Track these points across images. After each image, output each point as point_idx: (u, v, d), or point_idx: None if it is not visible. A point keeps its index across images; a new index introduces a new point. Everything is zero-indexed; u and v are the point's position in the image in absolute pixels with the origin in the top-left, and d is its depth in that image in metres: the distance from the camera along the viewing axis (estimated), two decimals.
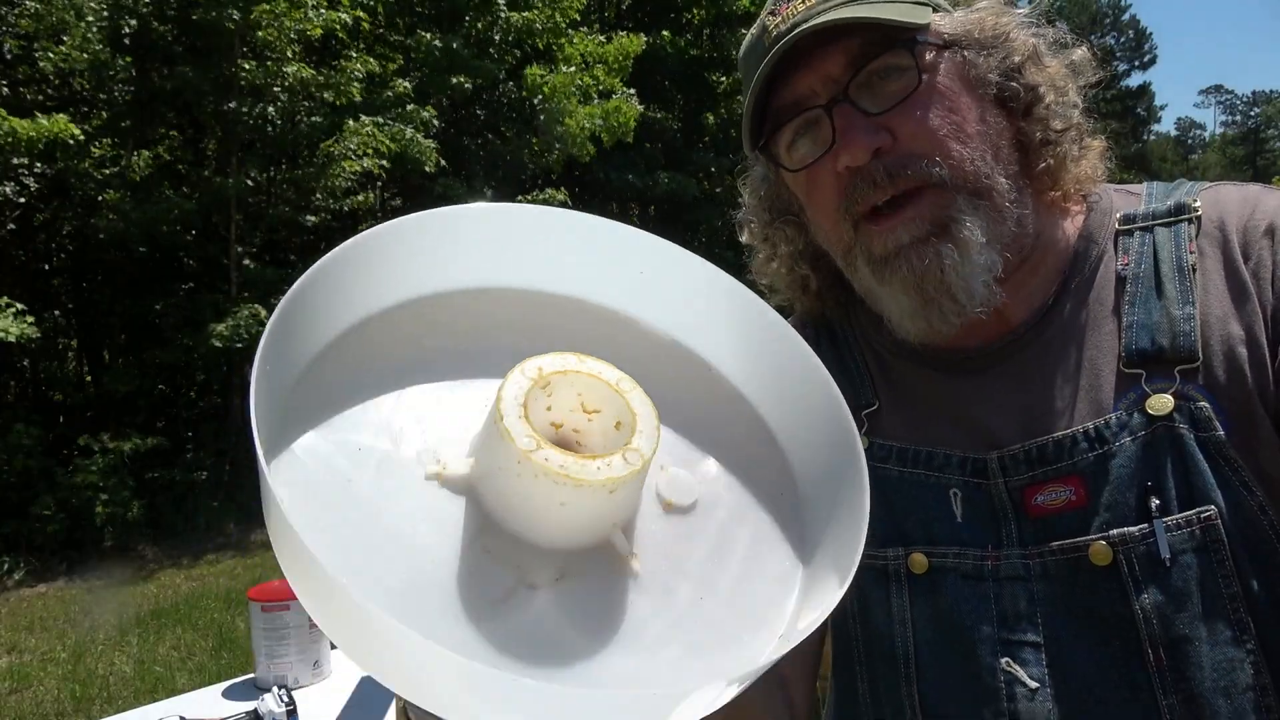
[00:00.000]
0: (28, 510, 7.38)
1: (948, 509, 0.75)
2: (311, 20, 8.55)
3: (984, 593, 0.72)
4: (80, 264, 9.72)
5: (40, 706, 4.33)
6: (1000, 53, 0.72)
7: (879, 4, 0.70)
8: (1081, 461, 0.70)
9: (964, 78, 0.72)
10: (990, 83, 0.72)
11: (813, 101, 0.73)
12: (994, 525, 0.73)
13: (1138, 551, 0.67)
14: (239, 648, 4.78)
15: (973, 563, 0.73)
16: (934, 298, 0.71)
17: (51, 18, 8.60)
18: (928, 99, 0.70)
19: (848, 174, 0.72)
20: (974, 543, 0.73)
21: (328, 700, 1.59)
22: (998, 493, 0.73)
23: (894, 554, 0.76)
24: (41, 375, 9.87)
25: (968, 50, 0.72)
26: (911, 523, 0.76)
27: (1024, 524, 0.72)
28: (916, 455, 0.77)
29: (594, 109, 10.79)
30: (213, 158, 10.14)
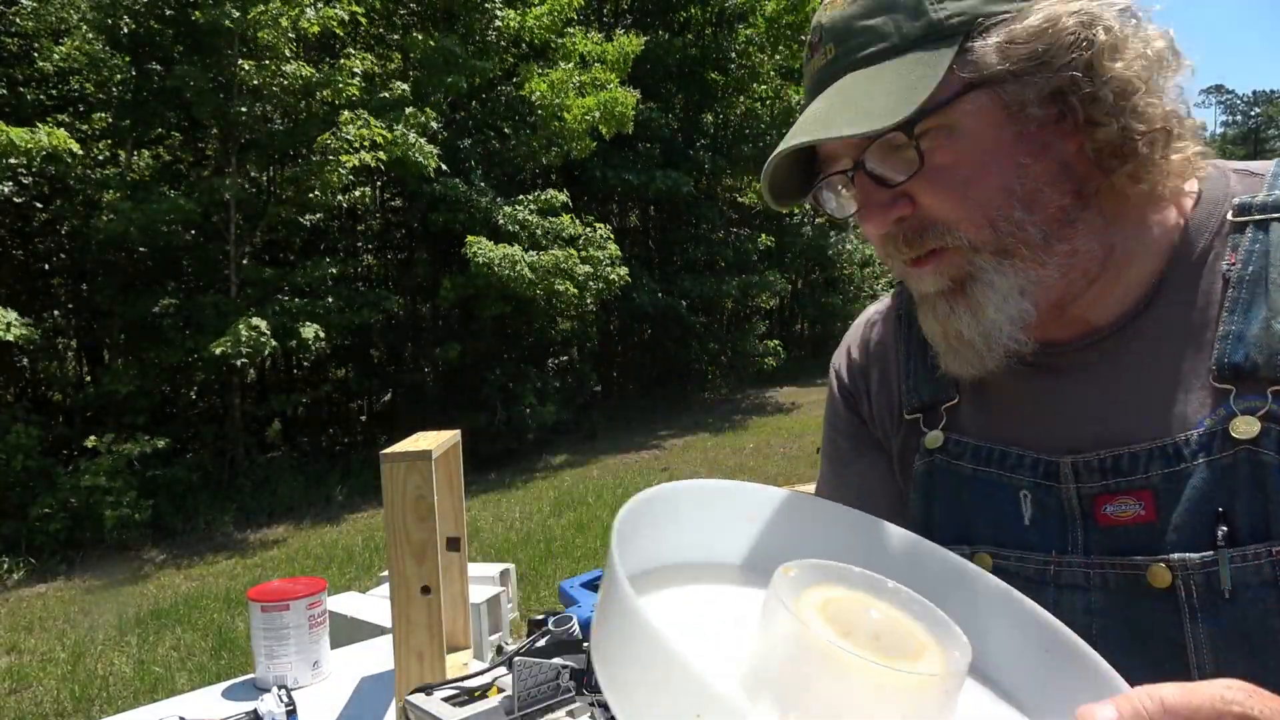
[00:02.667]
0: (27, 510, 7.38)
1: (1017, 510, 0.73)
2: (309, 18, 8.55)
3: (1045, 599, 0.68)
4: (80, 264, 9.73)
5: (40, 707, 4.33)
6: (1048, 71, 0.64)
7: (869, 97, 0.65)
8: (1155, 477, 0.67)
9: (996, 118, 0.65)
10: (1032, 115, 0.65)
11: (838, 165, 0.71)
12: (1061, 530, 0.71)
13: (1196, 579, 0.64)
14: (239, 648, 4.78)
15: (1035, 567, 0.72)
16: (955, 346, 0.71)
17: (50, 17, 8.61)
18: (945, 162, 0.66)
19: (876, 235, 0.72)
20: (1039, 547, 0.72)
21: (328, 700, 1.60)
22: (1068, 498, 0.71)
23: (959, 552, 0.73)
24: (41, 375, 9.88)
25: (1004, 84, 0.65)
26: (981, 523, 0.75)
27: (1091, 532, 0.70)
28: (990, 454, 0.75)
29: (591, 100, 10.79)
30: (212, 157, 10.14)
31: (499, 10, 10.83)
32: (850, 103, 0.66)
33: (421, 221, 11.09)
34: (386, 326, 11.48)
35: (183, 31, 8.81)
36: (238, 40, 8.47)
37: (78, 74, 8.83)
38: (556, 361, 13.87)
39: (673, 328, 14.11)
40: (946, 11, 0.64)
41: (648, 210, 15.61)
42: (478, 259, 9.52)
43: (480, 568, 2.90)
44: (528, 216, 10.37)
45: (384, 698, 1.60)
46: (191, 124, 9.96)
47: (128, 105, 8.97)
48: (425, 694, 1.40)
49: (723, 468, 8.83)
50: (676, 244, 14.97)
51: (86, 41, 8.59)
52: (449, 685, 1.43)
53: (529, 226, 10.34)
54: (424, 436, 1.60)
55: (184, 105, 8.92)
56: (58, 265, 10.30)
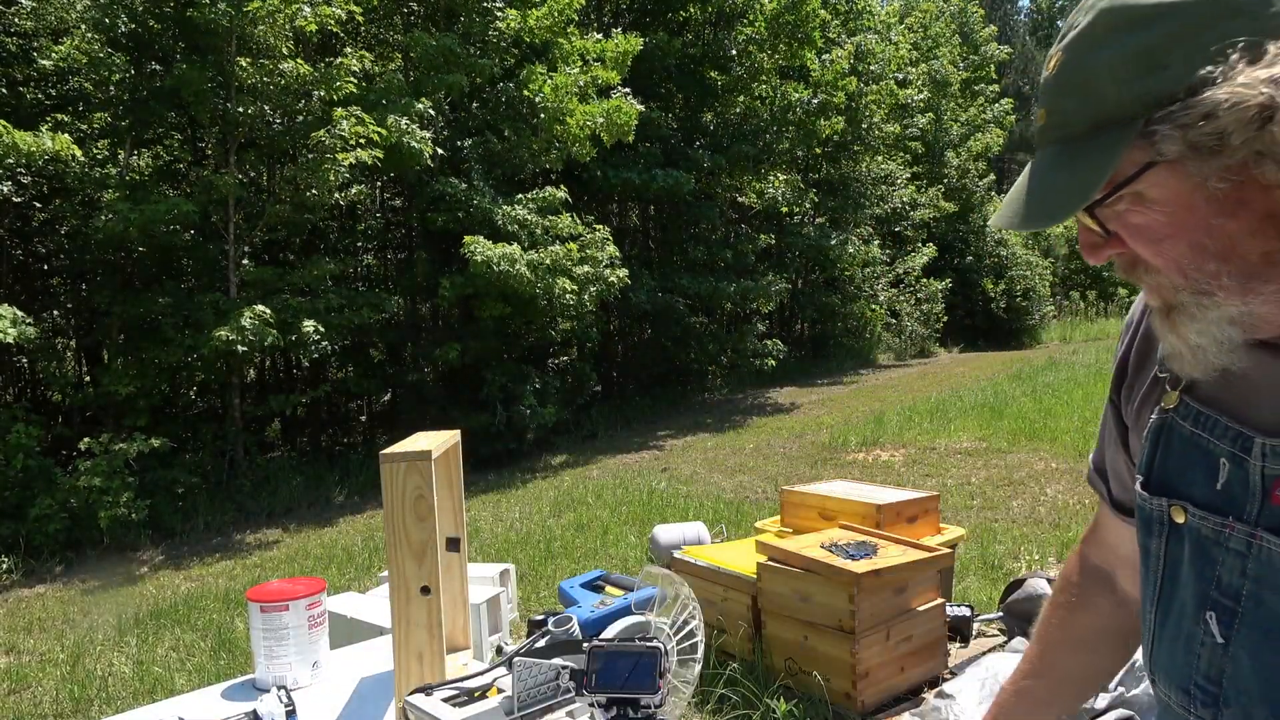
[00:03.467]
0: (26, 511, 7.38)
1: (1214, 474, 0.81)
2: (305, 16, 8.54)
3: (1214, 556, 0.79)
4: (79, 264, 9.73)
5: (39, 707, 4.33)
6: (1228, 149, 0.67)
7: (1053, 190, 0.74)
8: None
9: (1182, 186, 0.70)
10: (1215, 186, 0.69)
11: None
12: (1244, 500, 0.78)
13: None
14: (238, 648, 4.78)
15: (1213, 527, 0.80)
16: (1168, 348, 0.80)
17: (50, 16, 8.60)
18: (1136, 229, 0.74)
19: None
20: (1222, 510, 0.79)
21: (327, 700, 1.59)
22: (1254, 473, 0.77)
23: (1158, 503, 0.85)
24: (40, 375, 9.87)
25: (1186, 161, 0.69)
26: (1184, 479, 0.84)
27: (1264, 509, 0.76)
28: (1206, 420, 0.82)
29: (594, 108, 10.79)
30: (211, 157, 10.14)
31: (499, 10, 10.83)
32: (1042, 189, 0.75)
33: (421, 221, 11.09)
34: (386, 326, 11.48)
35: (181, 31, 8.80)
36: (235, 39, 8.46)
37: (77, 73, 8.83)
38: (556, 361, 13.87)
39: (672, 328, 14.11)
40: (1129, 95, 0.69)
41: (648, 210, 15.61)
42: (476, 258, 9.52)
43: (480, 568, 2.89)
44: (526, 215, 10.36)
45: (384, 698, 1.59)
46: (190, 123, 9.96)
47: (127, 105, 8.97)
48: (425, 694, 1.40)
49: (723, 468, 8.83)
50: (676, 244, 14.97)
51: (86, 41, 8.59)
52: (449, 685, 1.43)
53: (528, 225, 10.34)
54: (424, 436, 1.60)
55: (183, 105, 8.91)
56: (57, 265, 10.30)
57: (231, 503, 8.74)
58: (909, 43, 21.06)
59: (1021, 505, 6.30)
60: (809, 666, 3.34)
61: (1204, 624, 0.80)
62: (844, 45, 16.38)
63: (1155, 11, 0.67)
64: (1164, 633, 0.86)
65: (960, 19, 26.25)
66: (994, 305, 22.79)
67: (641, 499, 7.51)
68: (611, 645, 1.30)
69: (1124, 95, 0.69)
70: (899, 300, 20.48)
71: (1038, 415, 9.63)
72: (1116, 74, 0.69)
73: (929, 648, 3.43)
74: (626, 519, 6.86)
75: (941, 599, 3.49)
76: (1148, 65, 0.68)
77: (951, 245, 23.04)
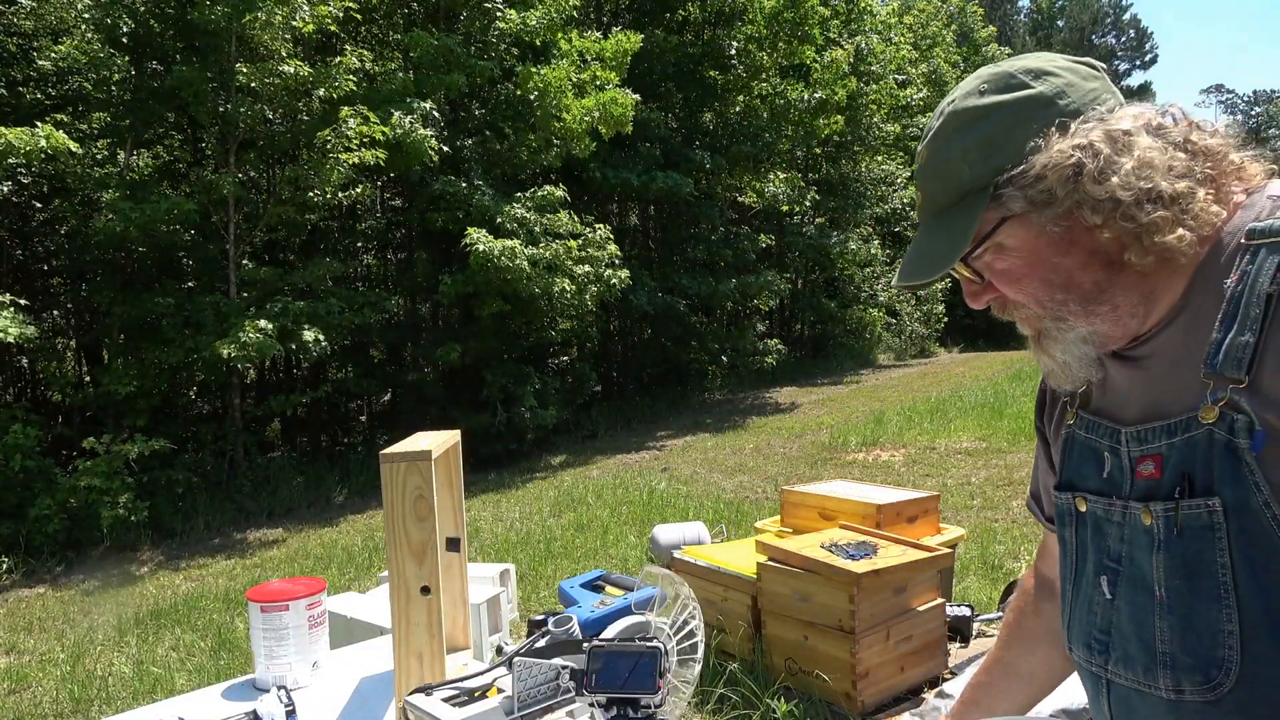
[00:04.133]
0: (26, 511, 7.38)
1: (1100, 466, 0.99)
2: (302, 17, 8.54)
3: (1105, 531, 0.98)
4: (79, 264, 9.73)
5: (39, 707, 4.33)
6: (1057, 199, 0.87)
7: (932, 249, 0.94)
8: (1162, 446, 0.91)
9: (1029, 234, 0.90)
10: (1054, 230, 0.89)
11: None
12: (1120, 482, 0.96)
13: (1161, 521, 0.90)
14: (238, 648, 4.78)
15: (1104, 508, 0.98)
16: (1047, 370, 0.99)
17: (50, 17, 8.60)
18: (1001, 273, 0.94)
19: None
20: (1109, 493, 0.97)
21: (327, 700, 1.59)
22: (1124, 458, 0.96)
23: (1065, 498, 1.04)
24: (40, 375, 9.87)
25: (1028, 214, 0.89)
26: (1081, 475, 1.02)
27: (1133, 485, 0.95)
28: (1091, 424, 1.01)
29: (589, 101, 10.78)
30: (211, 157, 10.14)
31: (499, 9, 10.83)
32: (924, 252, 0.95)
33: (421, 221, 11.09)
34: (386, 326, 11.48)
35: (181, 31, 8.80)
36: (234, 40, 8.46)
37: (77, 73, 8.83)
38: (556, 361, 13.87)
39: (673, 327, 14.11)
40: (979, 171, 0.90)
41: (648, 210, 15.61)
42: (478, 248, 9.51)
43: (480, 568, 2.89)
44: (525, 214, 10.36)
45: (384, 698, 1.59)
46: (191, 123, 9.97)
47: (127, 105, 8.97)
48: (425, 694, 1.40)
49: (722, 468, 8.83)
50: (676, 244, 14.97)
51: (86, 41, 8.59)
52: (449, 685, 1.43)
53: (526, 224, 10.33)
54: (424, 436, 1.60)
55: (183, 105, 8.91)
56: (57, 265, 10.30)
57: (231, 503, 8.74)
58: (908, 42, 21.06)
59: (1021, 505, 6.30)
60: (809, 666, 3.34)
61: (1099, 587, 0.98)
62: (844, 45, 16.37)
63: (987, 111, 0.90)
64: (1076, 603, 1.03)
65: (959, 19, 26.24)
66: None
67: (641, 499, 7.50)
68: (611, 645, 1.30)
69: (975, 172, 0.90)
70: (899, 300, 20.47)
71: None
72: (968, 157, 0.90)
73: (929, 648, 3.43)
74: (626, 519, 6.86)
75: (941, 599, 3.49)
76: (989, 148, 0.89)
77: None
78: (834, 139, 16.82)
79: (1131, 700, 0.96)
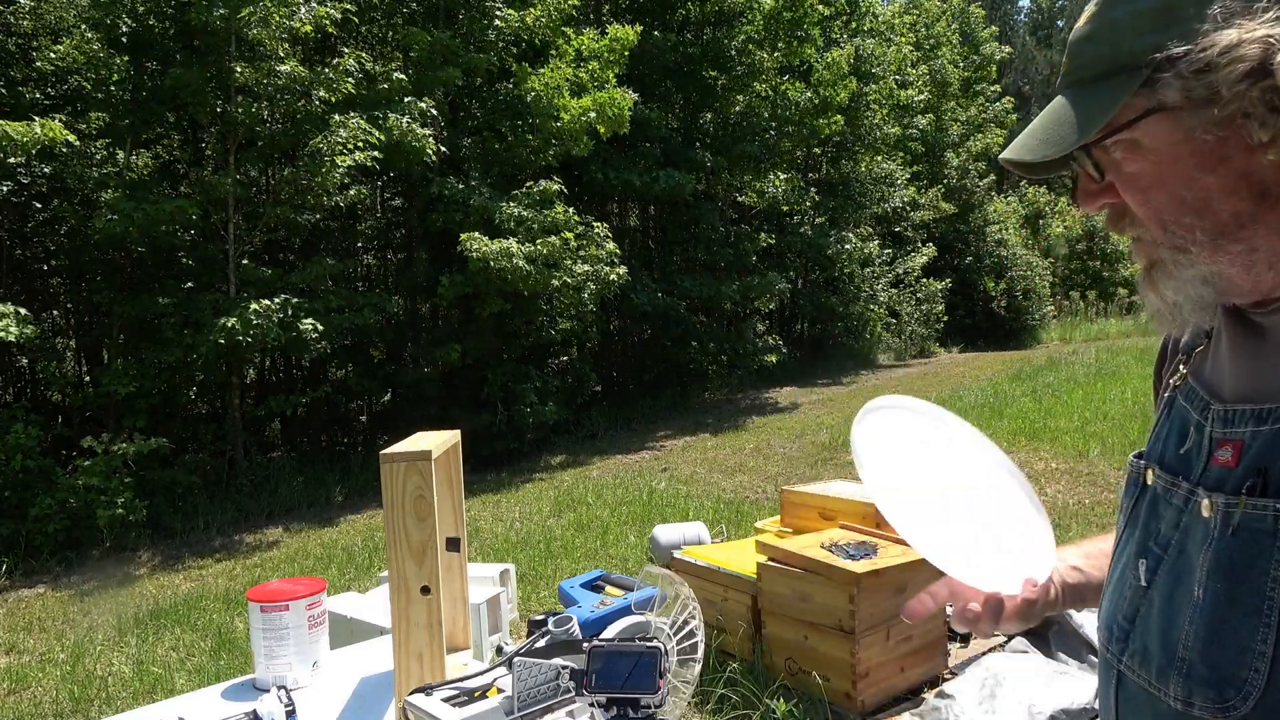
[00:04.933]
0: (26, 511, 7.38)
1: (1183, 440, 0.89)
2: (300, 18, 8.54)
3: (1160, 512, 0.88)
4: (79, 264, 9.72)
5: (39, 707, 4.33)
6: (1222, 100, 0.73)
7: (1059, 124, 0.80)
8: (1245, 433, 0.81)
9: (1175, 135, 0.76)
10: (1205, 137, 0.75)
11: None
12: (1195, 463, 0.86)
13: (1220, 514, 0.80)
14: (238, 648, 4.78)
15: (1165, 486, 0.88)
16: (1151, 309, 0.86)
17: (49, 16, 8.60)
18: (1129, 176, 0.80)
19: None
20: (1178, 471, 0.87)
21: (328, 700, 1.59)
22: (1205, 437, 0.85)
23: (1138, 464, 0.94)
24: (40, 375, 9.87)
25: (1182, 110, 0.75)
26: (1162, 445, 0.92)
27: (1206, 469, 0.84)
28: (1190, 391, 0.90)
29: (586, 100, 10.77)
30: (211, 157, 10.14)
31: (500, 9, 10.82)
32: (1046, 126, 0.81)
33: (421, 221, 11.08)
34: (386, 326, 11.47)
35: (180, 31, 8.80)
36: (233, 39, 8.46)
37: (76, 73, 8.82)
38: (556, 361, 13.86)
39: (672, 328, 14.10)
40: (1141, 46, 0.75)
41: (648, 210, 15.60)
42: (473, 254, 9.52)
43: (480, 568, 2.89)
44: (523, 212, 10.35)
45: (384, 698, 1.59)
46: (190, 123, 9.96)
47: (126, 104, 8.97)
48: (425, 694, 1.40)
49: (723, 468, 8.82)
50: (676, 244, 14.96)
51: (85, 41, 8.58)
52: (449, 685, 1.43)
53: (525, 221, 10.32)
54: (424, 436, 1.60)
55: (182, 105, 8.91)
56: (57, 265, 10.29)
57: (231, 503, 8.74)
58: (909, 43, 21.04)
59: None
60: (809, 666, 3.34)
61: (1135, 570, 0.89)
62: (844, 46, 16.37)
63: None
64: (1112, 579, 0.95)
65: (961, 19, 26.25)
66: (994, 305, 22.78)
67: (641, 499, 7.50)
68: (611, 645, 1.30)
69: (1136, 46, 0.75)
70: (899, 300, 20.47)
71: (1038, 415, 9.63)
72: (1136, 26, 0.76)
73: (929, 648, 3.43)
74: (626, 519, 6.86)
75: None
76: (1163, 20, 0.74)
77: (951, 245, 23.03)
78: (834, 139, 16.81)
79: (1139, 700, 0.88)
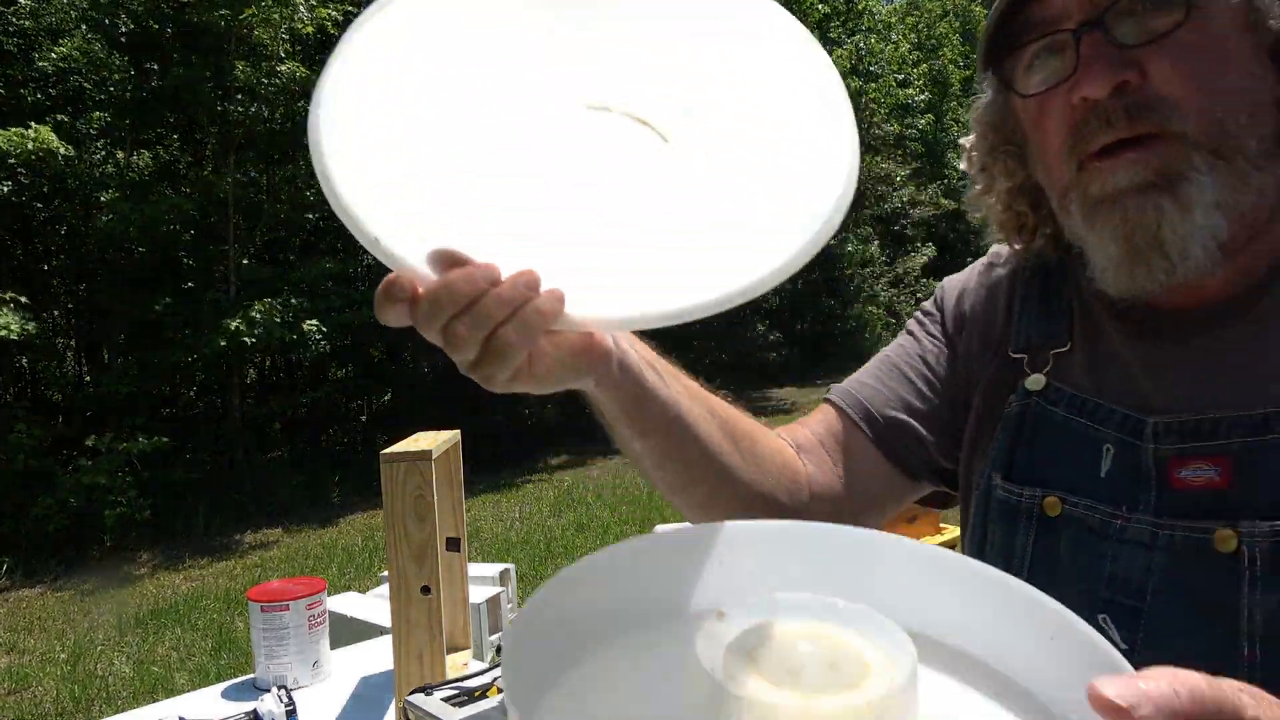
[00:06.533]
0: (27, 510, 7.37)
1: (1096, 462, 0.74)
2: (303, 19, 8.54)
3: (1102, 550, 0.71)
4: (79, 264, 9.72)
5: (39, 707, 4.33)
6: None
7: None
8: (1236, 444, 0.67)
9: (1241, 20, 0.65)
10: (1273, 30, 0.65)
11: (1063, 24, 0.68)
12: (1135, 488, 0.71)
13: (1263, 547, 0.64)
14: (238, 648, 4.78)
15: (1101, 518, 0.72)
16: (1143, 252, 0.67)
17: (49, 17, 8.60)
18: (1190, 40, 0.64)
19: (1083, 106, 0.67)
20: (1110, 500, 0.72)
21: (328, 700, 1.59)
22: (1146, 458, 0.71)
23: (1030, 494, 0.76)
24: (40, 375, 9.87)
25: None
26: (1058, 468, 0.76)
27: (1164, 494, 0.70)
28: (1084, 404, 0.76)
29: None
30: (211, 157, 10.14)
31: None
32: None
33: None
34: (386, 326, 11.46)
35: (180, 31, 8.80)
36: (234, 40, 8.46)
37: (76, 73, 8.82)
38: None
39: (672, 328, 14.08)
40: None
41: None
42: None
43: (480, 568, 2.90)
44: None
45: (384, 698, 1.59)
46: (190, 123, 9.96)
47: (126, 105, 8.97)
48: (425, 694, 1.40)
49: None
50: None
51: (85, 41, 8.58)
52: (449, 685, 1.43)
53: None
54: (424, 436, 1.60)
55: (182, 105, 8.91)
56: (57, 265, 10.29)
57: (231, 503, 8.73)
58: (909, 43, 21.05)
59: None
60: None
61: (1098, 627, 0.72)
62: (844, 45, 16.38)
63: None
64: None
65: (963, 18, 26.27)
66: None
67: (641, 499, 7.50)
68: None
69: None
70: (899, 300, 20.46)
71: None
72: None
73: None
74: (626, 519, 6.86)
75: None
76: None
77: (951, 245, 23.03)
78: None
79: None
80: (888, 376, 0.91)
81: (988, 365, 0.85)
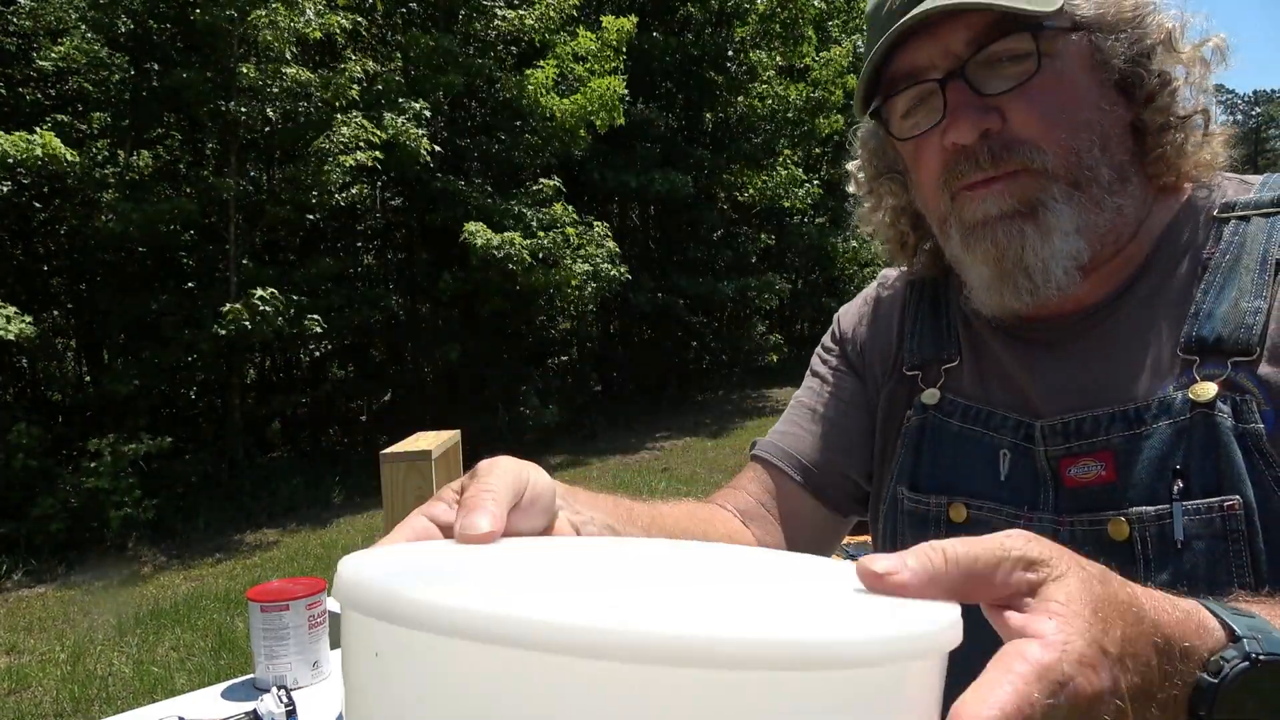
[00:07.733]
0: (27, 511, 7.37)
1: (995, 467, 0.78)
2: (310, 24, 8.54)
3: None
4: (79, 264, 9.72)
5: (39, 707, 4.33)
6: (1131, 36, 0.72)
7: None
8: (1115, 439, 0.72)
9: (1088, 61, 0.72)
10: (1115, 68, 0.73)
11: (929, 74, 0.74)
12: (1034, 489, 0.76)
13: (1151, 531, 0.69)
14: (238, 648, 4.78)
15: (1005, 520, 0.76)
16: (1010, 274, 0.74)
17: (49, 16, 8.59)
18: (1044, 85, 0.71)
19: (953, 149, 0.74)
20: (1012, 502, 0.77)
21: (328, 700, 1.59)
22: (1039, 460, 0.76)
23: (936, 501, 0.81)
24: (40, 375, 9.87)
25: (1097, 33, 0.72)
26: (959, 476, 0.81)
27: (1060, 493, 0.75)
28: (978, 414, 0.81)
29: (579, 98, 10.75)
30: (211, 157, 10.14)
31: (500, 9, 10.82)
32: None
33: (421, 221, 11.08)
34: (386, 326, 11.47)
35: (181, 31, 8.80)
36: (237, 42, 8.46)
37: (76, 74, 8.82)
38: (556, 361, 13.87)
39: (672, 328, 14.10)
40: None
41: (647, 210, 15.60)
42: (476, 241, 9.50)
43: None
44: (523, 210, 10.35)
45: None
46: (191, 124, 9.96)
47: (126, 105, 8.97)
48: None
49: (723, 468, 8.82)
50: (676, 244, 14.96)
51: (85, 41, 8.58)
52: None
53: (524, 219, 10.33)
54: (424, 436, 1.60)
55: (183, 105, 8.91)
56: (57, 265, 10.30)
57: (231, 503, 8.74)
58: None
59: None
60: None
61: None
62: (843, 44, 16.38)
63: None
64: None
65: None
66: None
67: None
68: None
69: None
70: None
71: None
72: None
73: None
74: None
75: None
76: None
77: None
78: (834, 139, 16.81)
79: None
80: (807, 421, 0.95)
81: (885, 383, 0.90)
